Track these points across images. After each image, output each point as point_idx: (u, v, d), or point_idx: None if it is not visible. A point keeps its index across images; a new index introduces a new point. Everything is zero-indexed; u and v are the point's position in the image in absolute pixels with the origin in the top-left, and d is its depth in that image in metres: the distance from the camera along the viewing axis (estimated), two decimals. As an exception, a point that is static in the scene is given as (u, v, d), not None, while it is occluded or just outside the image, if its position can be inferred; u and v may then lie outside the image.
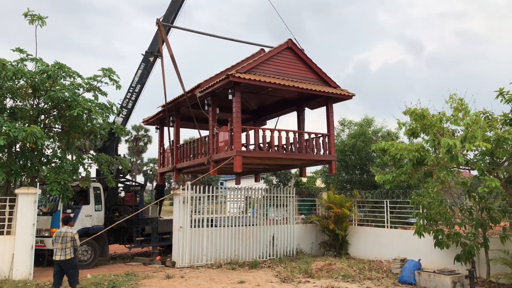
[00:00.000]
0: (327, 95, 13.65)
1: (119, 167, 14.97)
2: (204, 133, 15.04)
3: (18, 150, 12.18)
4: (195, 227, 13.12)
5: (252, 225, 14.30)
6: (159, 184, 18.06)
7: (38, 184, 11.51)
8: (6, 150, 11.81)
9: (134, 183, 16.89)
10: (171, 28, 15.48)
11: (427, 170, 9.22)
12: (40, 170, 12.17)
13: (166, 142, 17.06)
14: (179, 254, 12.75)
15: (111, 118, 14.51)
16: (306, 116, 15.78)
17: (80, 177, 13.11)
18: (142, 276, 11.15)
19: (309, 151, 13.81)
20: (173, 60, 14.10)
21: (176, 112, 15.90)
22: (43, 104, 12.48)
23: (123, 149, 51.05)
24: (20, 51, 12.22)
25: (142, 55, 15.86)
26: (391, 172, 9.70)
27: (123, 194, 16.14)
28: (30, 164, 12.00)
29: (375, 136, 20.38)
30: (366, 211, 16.34)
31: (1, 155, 12.06)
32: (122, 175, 15.76)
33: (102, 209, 13.84)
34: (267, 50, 14.06)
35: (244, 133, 13.07)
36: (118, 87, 13.18)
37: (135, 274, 11.32)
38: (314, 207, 17.08)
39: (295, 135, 13.70)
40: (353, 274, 11.15)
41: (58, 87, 11.98)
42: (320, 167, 24.10)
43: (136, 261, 14.35)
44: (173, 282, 10.41)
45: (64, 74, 12.28)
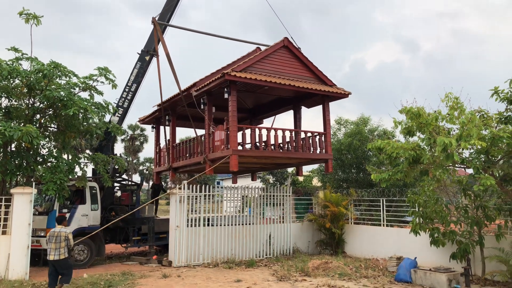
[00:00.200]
0: (323, 93, 13.66)
1: (115, 166, 14.93)
2: (200, 132, 15.03)
3: (14, 149, 12.13)
4: (191, 226, 13.11)
5: (248, 224, 14.31)
6: (155, 183, 18.05)
7: (34, 183, 11.47)
8: (2, 150, 11.76)
9: (130, 183, 16.86)
10: (167, 27, 15.44)
11: (423, 168, 9.26)
12: (36, 170, 12.13)
13: (162, 141, 17.06)
14: (176, 253, 12.74)
15: (107, 118, 14.49)
16: (302, 115, 15.80)
17: (76, 176, 13.08)
18: (138, 275, 11.13)
19: (305, 150, 13.83)
20: (169, 59, 14.06)
21: (172, 111, 15.88)
22: (38, 103, 12.43)
23: (119, 148, 50.98)
24: (15, 50, 12.15)
25: (138, 54, 15.80)
26: (387, 171, 9.73)
27: (120, 193, 16.10)
28: (25, 163, 11.95)
29: (371, 135, 20.44)
30: (363, 210, 16.40)
31: (-4, 154, 12.01)
32: (118, 175, 15.72)
33: (99, 208, 13.80)
34: (263, 48, 14.05)
35: (241, 132, 13.04)
36: (114, 86, 13.15)
37: (131, 274, 11.30)
38: (310, 206, 17.12)
39: (291, 133, 13.71)
40: (349, 273, 11.18)
41: (53, 86, 11.94)
42: (316, 166, 24.16)
43: (133, 260, 14.32)
44: (169, 282, 10.41)
45: (59, 73, 12.25)
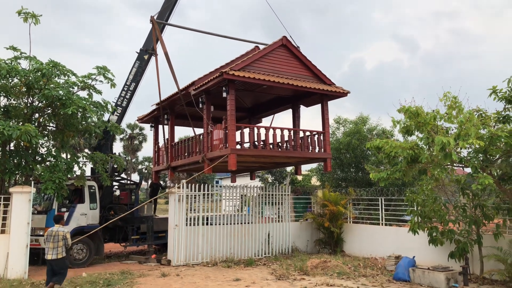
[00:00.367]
0: (322, 92, 13.66)
1: (114, 165, 14.94)
2: (199, 131, 15.03)
3: (13, 148, 12.14)
4: (190, 225, 13.11)
5: (247, 223, 14.33)
6: (154, 182, 18.05)
7: (32, 182, 11.47)
8: (1, 149, 11.76)
9: (129, 182, 16.86)
10: (166, 26, 15.43)
11: (421, 167, 9.28)
12: (35, 169, 12.13)
13: (161, 140, 17.05)
14: (175, 252, 12.75)
15: (106, 117, 14.48)
16: (301, 114, 15.82)
17: (75, 175, 13.08)
18: (137, 274, 11.14)
19: (304, 149, 13.84)
20: (167, 58, 14.04)
21: (170, 110, 15.87)
22: (37, 102, 12.43)
23: (118, 147, 50.89)
24: (14, 49, 12.16)
25: (137, 53, 15.79)
26: (385, 170, 9.75)
27: (118, 192, 16.10)
28: (24, 162, 11.95)
29: (370, 134, 20.45)
30: (361, 209, 16.42)
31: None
32: (117, 174, 15.73)
33: (97, 207, 13.80)
34: (262, 47, 14.04)
35: (239, 131, 13.05)
36: (113, 85, 13.15)
37: (130, 273, 11.31)
38: (309, 205, 17.14)
39: (290, 132, 13.71)
40: (348, 271, 11.20)
41: (52, 86, 11.93)
42: (315, 165, 24.17)
43: (132, 259, 14.34)
44: (168, 280, 10.42)
45: (58, 72, 12.25)
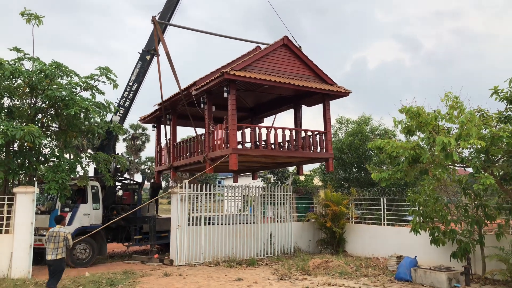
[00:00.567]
0: (323, 92, 13.67)
1: (117, 165, 14.99)
2: (201, 131, 15.07)
3: (16, 149, 12.21)
4: (193, 225, 13.16)
5: (249, 223, 14.36)
6: (155, 182, 18.09)
7: (36, 183, 11.54)
8: (4, 149, 11.84)
9: (132, 182, 16.92)
10: (168, 26, 15.47)
11: (423, 168, 9.28)
12: (38, 169, 12.21)
13: (163, 141, 17.10)
14: (177, 252, 12.80)
15: (109, 117, 14.54)
16: (303, 114, 15.83)
17: (78, 175, 13.14)
18: (140, 274, 11.20)
19: (305, 149, 13.85)
20: (169, 58, 14.07)
21: (172, 110, 15.92)
22: (40, 103, 12.51)
23: (121, 147, 51.02)
24: (17, 50, 12.24)
25: (139, 53, 15.83)
26: (387, 170, 9.76)
27: (121, 192, 16.16)
28: (28, 163, 12.02)
29: (373, 134, 20.46)
30: (363, 209, 16.43)
31: (-1, 154, 12.09)
32: (120, 174, 15.79)
33: (100, 207, 13.86)
34: (263, 47, 14.05)
35: (240, 131, 13.08)
36: (115, 86, 13.23)
37: (133, 272, 11.37)
38: (311, 205, 17.15)
39: (291, 132, 13.73)
40: (350, 271, 11.22)
41: (55, 86, 12.02)
42: (317, 165, 24.19)
43: (134, 259, 14.39)
44: (171, 280, 10.47)
45: (61, 73, 12.33)
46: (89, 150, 28.19)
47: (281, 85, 12.76)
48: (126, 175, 17.04)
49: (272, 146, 13.64)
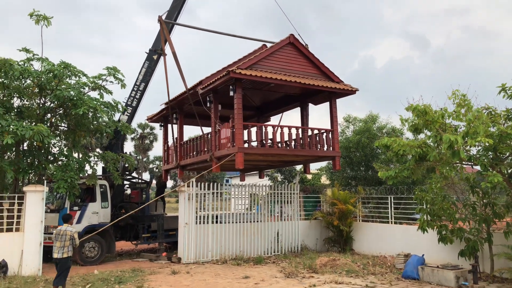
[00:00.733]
0: (330, 90, 13.61)
1: (125, 164, 15.12)
2: (207, 130, 15.13)
3: (26, 148, 12.38)
4: (200, 223, 13.24)
5: (257, 221, 14.40)
6: (162, 180, 18.18)
7: (45, 181, 11.69)
8: (14, 149, 12.01)
9: (140, 181, 17.04)
10: (174, 25, 15.52)
11: (430, 166, 9.25)
12: (47, 168, 12.36)
13: (171, 139, 17.19)
14: (185, 250, 12.89)
15: (117, 116, 14.66)
16: (310, 112, 15.77)
17: (86, 174, 13.28)
18: (148, 272, 11.30)
19: (312, 147, 13.84)
20: (175, 58, 14.10)
21: (179, 110, 15.97)
22: (49, 103, 12.66)
23: (129, 147, 51.38)
24: (26, 51, 12.39)
25: (146, 53, 15.93)
26: (394, 168, 9.74)
27: (129, 191, 16.30)
28: (37, 162, 12.18)
29: (380, 132, 20.36)
30: (371, 207, 16.38)
31: (9, 153, 12.26)
32: (128, 173, 15.91)
33: (109, 206, 14.00)
34: (269, 46, 14.04)
35: (246, 130, 13.10)
36: (123, 85, 13.33)
37: (141, 270, 11.48)
38: (318, 203, 17.15)
39: (297, 131, 13.72)
40: (357, 270, 11.22)
41: (64, 86, 12.15)
42: (325, 164, 24.13)
43: (143, 257, 14.51)
44: (179, 278, 10.55)
45: (69, 73, 12.47)
46: (97, 149, 28.46)
47: (287, 83, 12.74)
48: (134, 174, 17.17)
49: (279, 145, 13.64)
